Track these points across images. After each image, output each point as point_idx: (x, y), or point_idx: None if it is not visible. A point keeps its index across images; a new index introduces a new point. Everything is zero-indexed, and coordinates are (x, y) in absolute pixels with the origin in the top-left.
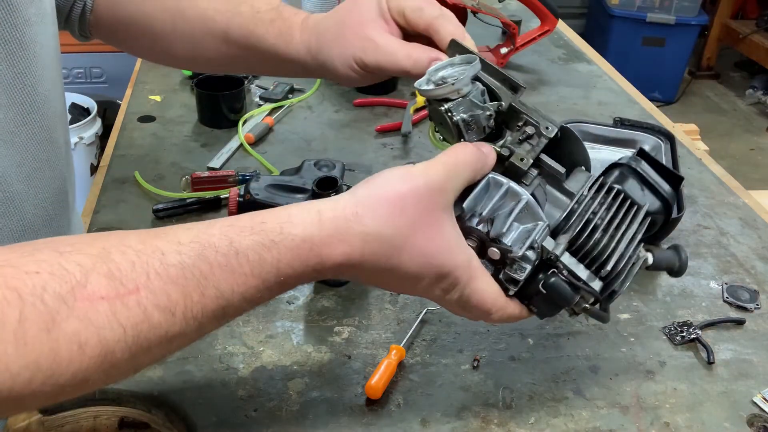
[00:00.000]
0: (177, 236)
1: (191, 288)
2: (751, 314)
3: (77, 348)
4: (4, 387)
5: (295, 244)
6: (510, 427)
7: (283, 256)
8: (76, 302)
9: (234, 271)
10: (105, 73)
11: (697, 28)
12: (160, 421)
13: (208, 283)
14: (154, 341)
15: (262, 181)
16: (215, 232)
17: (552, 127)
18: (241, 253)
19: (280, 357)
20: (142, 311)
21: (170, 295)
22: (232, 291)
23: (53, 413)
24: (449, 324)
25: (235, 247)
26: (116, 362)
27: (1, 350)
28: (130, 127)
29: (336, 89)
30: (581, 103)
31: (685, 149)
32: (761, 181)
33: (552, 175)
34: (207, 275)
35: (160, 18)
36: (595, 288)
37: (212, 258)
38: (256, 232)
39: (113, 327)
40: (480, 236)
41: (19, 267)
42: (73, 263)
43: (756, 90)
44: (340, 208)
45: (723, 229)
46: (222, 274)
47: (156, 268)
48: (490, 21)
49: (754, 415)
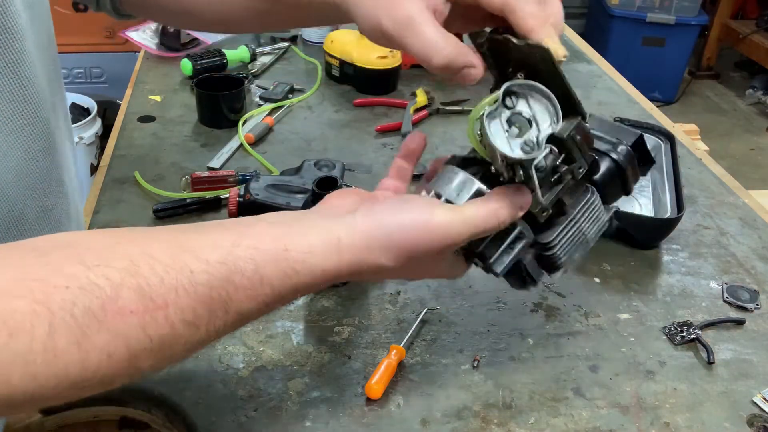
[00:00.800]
0: (205, 254)
1: (216, 306)
2: (751, 314)
3: (106, 358)
4: (31, 393)
5: (316, 275)
6: (510, 427)
7: (302, 282)
8: (107, 316)
9: (257, 295)
10: (105, 73)
11: (697, 28)
12: (160, 421)
13: (232, 303)
14: (177, 350)
15: (262, 181)
16: (242, 255)
17: (585, 167)
18: (266, 279)
19: (280, 357)
20: (169, 325)
21: (196, 311)
22: (253, 310)
23: (53, 413)
24: (449, 324)
25: (260, 273)
26: (140, 367)
27: (30, 360)
28: (130, 127)
29: (336, 89)
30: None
31: (685, 149)
32: (761, 181)
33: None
34: (232, 296)
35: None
36: (538, 280)
37: (238, 282)
38: (279, 260)
39: (141, 338)
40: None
41: (47, 281)
42: (103, 278)
43: (756, 90)
44: (358, 239)
45: (723, 229)
46: (246, 297)
47: (185, 286)
48: None
49: (754, 415)
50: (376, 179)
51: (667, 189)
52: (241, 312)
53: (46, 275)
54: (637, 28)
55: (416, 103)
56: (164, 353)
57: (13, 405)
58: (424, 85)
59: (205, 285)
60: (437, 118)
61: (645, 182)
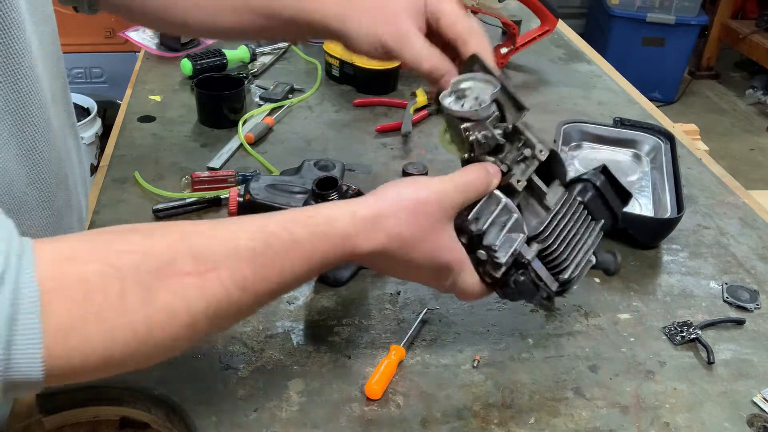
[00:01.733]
0: (243, 227)
1: (259, 268)
2: (751, 314)
3: (169, 317)
4: (107, 350)
5: (338, 238)
6: (510, 427)
7: (328, 247)
8: (168, 278)
9: (292, 257)
10: (105, 73)
11: (697, 28)
12: (160, 421)
13: (273, 265)
14: (230, 313)
15: (262, 181)
16: (274, 225)
17: (545, 150)
18: (299, 242)
19: (280, 357)
20: (222, 287)
21: (244, 273)
22: (290, 272)
23: (53, 413)
24: (449, 324)
25: (293, 236)
26: (198, 331)
27: (104, 316)
28: (130, 127)
29: (336, 89)
30: (581, 103)
31: (685, 149)
32: (761, 181)
33: (536, 191)
34: (272, 259)
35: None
36: (552, 289)
37: (276, 245)
38: (308, 225)
39: (198, 300)
40: (470, 233)
41: (114, 247)
42: (160, 244)
43: (756, 90)
44: (369, 210)
45: (723, 229)
46: (283, 259)
47: (232, 251)
48: (490, 21)
49: (754, 415)
50: (376, 179)
51: (667, 189)
52: (281, 276)
53: (113, 243)
54: (637, 28)
55: (416, 103)
56: (219, 316)
57: (88, 365)
58: (424, 85)
59: (249, 250)
60: (437, 118)
61: (645, 182)
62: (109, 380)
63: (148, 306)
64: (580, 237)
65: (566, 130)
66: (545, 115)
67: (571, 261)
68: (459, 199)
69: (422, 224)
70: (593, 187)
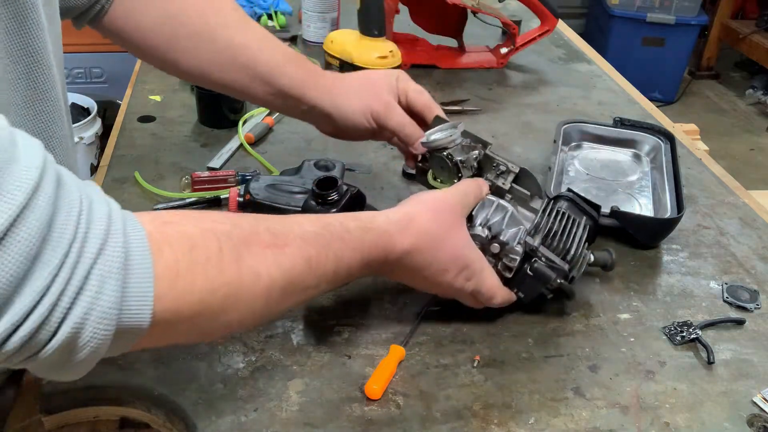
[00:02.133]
0: (304, 218)
1: (321, 248)
2: (751, 314)
3: (255, 278)
4: (204, 302)
5: (379, 233)
6: (510, 427)
7: (373, 240)
8: (253, 246)
9: (346, 244)
10: (105, 73)
11: (697, 28)
12: (160, 421)
13: (330, 247)
14: (296, 288)
15: (262, 181)
16: (329, 217)
17: (516, 166)
18: (350, 232)
19: (280, 357)
20: (291, 260)
21: (309, 251)
22: (344, 259)
23: (53, 413)
24: (449, 324)
25: (345, 226)
26: (271, 300)
27: (207, 269)
28: (130, 127)
29: None
30: (581, 103)
31: (685, 149)
32: (761, 181)
33: (520, 197)
34: (330, 242)
35: (185, 41)
36: (564, 267)
37: (334, 231)
38: (356, 219)
39: (275, 269)
40: (482, 240)
41: (206, 219)
42: (244, 220)
43: (756, 90)
44: (399, 212)
45: (723, 229)
46: (339, 244)
47: (298, 232)
48: (490, 21)
49: (754, 415)
50: (376, 179)
51: (667, 189)
52: (337, 260)
53: (202, 215)
54: (637, 28)
55: None
56: (287, 291)
57: (187, 314)
58: (424, 85)
59: (312, 232)
60: None
61: (645, 182)
62: (109, 380)
63: (239, 266)
64: (570, 226)
65: (566, 130)
66: (545, 115)
67: (570, 244)
68: (464, 201)
69: (446, 220)
70: (566, 199)
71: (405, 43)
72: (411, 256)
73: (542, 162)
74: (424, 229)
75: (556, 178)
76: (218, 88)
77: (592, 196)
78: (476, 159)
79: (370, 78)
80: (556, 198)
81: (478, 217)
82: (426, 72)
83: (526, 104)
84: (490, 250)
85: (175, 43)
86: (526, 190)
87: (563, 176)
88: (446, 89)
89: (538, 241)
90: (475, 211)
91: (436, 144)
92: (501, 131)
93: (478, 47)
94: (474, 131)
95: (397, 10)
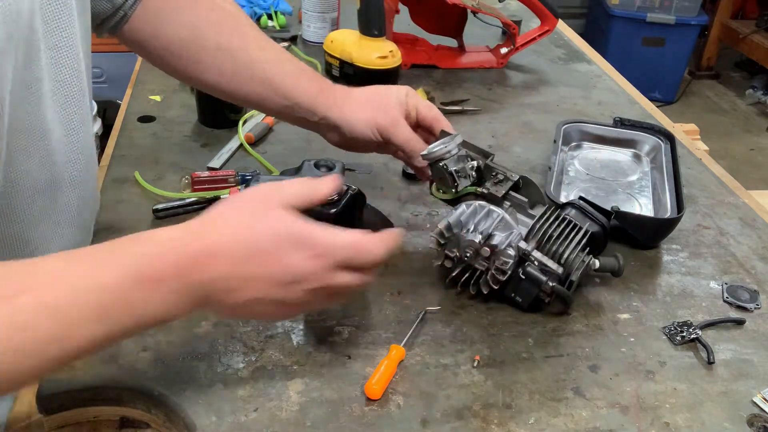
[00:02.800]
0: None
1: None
2: (751, 314)
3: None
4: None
5: (158, 242)
6: (510, 427)
7: (148, 251)
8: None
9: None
10: (105, 73)
11: (697, 28)
12: (160, 421)
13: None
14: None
15: (261, 180)
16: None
17: (515, 175)
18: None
19: (280, 357)
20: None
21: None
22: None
23: (53, 413)
24: (449, 324)
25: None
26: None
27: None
28: (130, 127)
29: None
30: (581, 103)
31: (685, 149)
32: (761, 181)
33: (519, 204)
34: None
35: (206, 55)
36: (558, 270)
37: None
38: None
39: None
40: (475, 246)
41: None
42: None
43: (756, 90)
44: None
45: (723, 229)
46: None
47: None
48: (490, 21)
49: (754, 415)
50: (376, 179)
51: (667, 189)
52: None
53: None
54: (637, 28)
55: None
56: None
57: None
58: (424, 85)
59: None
60: None
61: (645, 182)
62: (109, 380)
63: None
64: (568, 232)
65: (566, 130)
66: (545, 115)
67: (564, 248)
68: (280, 191)
69: (248, 209)
70: (575, 206)
71: (405, 43)
72: (223, 253)
73: (542, 162)
74: (224, 219)
75: (556, 178)
76: (235, 99)
77: (592, 196)
78: (473, 169)
79: (379, 93)
80: (564, 205)
81: (469, 223)
82: (426, 72)
83: (526, 104)
84: (482, 254)
85: (196, 55)
86: (524, 197)
87: (563, 176)
88: (446, 89)
89: (532, 245)
90: (465, 218)
91: (432, 155)
92: (501, 131)
93: (478, 47)
94: (474, 131)
95: (397, 10)
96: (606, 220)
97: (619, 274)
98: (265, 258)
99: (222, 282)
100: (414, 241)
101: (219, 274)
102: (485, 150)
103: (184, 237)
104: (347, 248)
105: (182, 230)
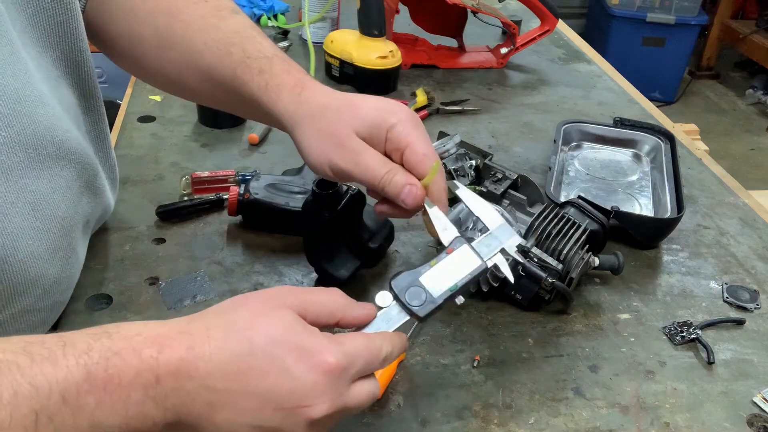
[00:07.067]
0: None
1: None
2: (751, 314)
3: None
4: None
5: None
6: (510, 427)
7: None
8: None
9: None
10: (105, 73)
11: (697, 28)
12: None
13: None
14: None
15: (262, 180)
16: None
17: (513, 174)
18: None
19: None
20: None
21: None
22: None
23: None
24: (449, 324)
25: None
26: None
27: None
28: (130, 127)
29: (336, 89)
30: (581, 103)
31: (685, 149)
32: (761, 181)
33: (518, 203)
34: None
35: (148, 42)
36: (557, 267)
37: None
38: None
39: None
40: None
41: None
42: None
43: (756, 90)
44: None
45: (723, 229)
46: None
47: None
48: (490, 21)
49: (754, 415)
50: None
51: (667, 189)
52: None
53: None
54: (637, 28)
55: (416, 103)
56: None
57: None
58: (424, 85)
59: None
60: (437, 118)
61: (645, 182)
62: None
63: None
64: (567, 230)
65: (566, 130)
66: (545, 115)
67: (563, 246)
68: (292, 293)
69: (245, 312)
70: (574, 205)
71: (405, 43)
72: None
73: (542, 162)
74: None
75: (556, 178)
76: (195, 98)
77: (592, 196)
78: (471, 168)
79: (348, 109)
80: (563, 204)
81: (467, 221)
82: (426, 72)
83: (526, 104)
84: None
85: (145, 52)
86: (523, 196)
87: (563, 176)
88: (446, 89)
89: (531, 242)
90: (464, 216)
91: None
92: (501, 131)
93: (478, 47)
94: (474, 131)
95: (397, 10)
96: (605, 219)
97: (618, 271)
98: (262, 369)
99: (204, 394)
100: (414, 240)
101: (200, 384)
102: (485, 151)
103: (161, 333)
104: (364, 351)
105: (159, 326)
